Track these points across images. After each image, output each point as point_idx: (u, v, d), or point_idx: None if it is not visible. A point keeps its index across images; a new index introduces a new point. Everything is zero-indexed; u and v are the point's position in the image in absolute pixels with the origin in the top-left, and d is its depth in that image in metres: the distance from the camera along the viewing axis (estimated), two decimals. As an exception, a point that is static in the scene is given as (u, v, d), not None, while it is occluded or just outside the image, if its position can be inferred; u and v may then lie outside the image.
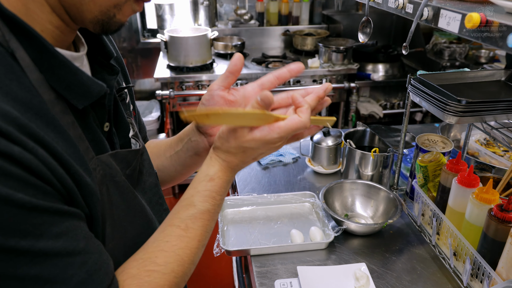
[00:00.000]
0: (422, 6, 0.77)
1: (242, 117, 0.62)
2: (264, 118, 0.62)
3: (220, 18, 3.41)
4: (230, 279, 2.35)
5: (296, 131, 0.62)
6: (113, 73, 0.64)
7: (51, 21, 0.53)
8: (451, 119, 0.92)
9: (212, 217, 0.65)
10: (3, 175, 0.43)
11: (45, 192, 0.47)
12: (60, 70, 0.52)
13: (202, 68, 2.76)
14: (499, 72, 1.11)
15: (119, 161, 0.62)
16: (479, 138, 1.60)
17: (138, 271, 0.57)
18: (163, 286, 0.58)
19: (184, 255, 0.61)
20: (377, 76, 2.89)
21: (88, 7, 0.53)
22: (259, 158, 0.68)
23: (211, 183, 0.65)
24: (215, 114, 0.60)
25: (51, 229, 0.47)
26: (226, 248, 1.13)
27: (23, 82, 0.48)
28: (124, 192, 0.63)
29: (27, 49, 0.50)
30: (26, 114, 0.46)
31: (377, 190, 1.31)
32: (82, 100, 0.54)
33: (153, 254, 0.59)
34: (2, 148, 0.43)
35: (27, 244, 0.45)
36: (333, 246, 1.18)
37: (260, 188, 1.47)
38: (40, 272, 0.46)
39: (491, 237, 0.93)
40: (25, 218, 0.45)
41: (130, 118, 0.71)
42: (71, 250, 0.49)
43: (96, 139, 0.58)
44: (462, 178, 1.04)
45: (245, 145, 0.63)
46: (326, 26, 3.40)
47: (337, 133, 1.58)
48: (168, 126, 2.77)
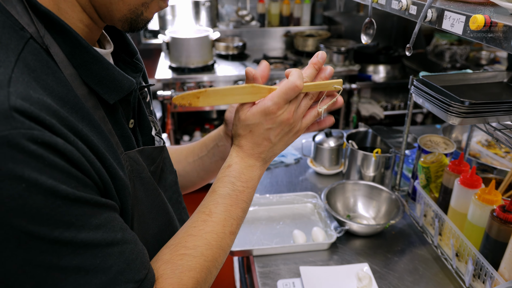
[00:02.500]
0: (426, 7, 0.77)
1: (232, 93, 0.63)
2: (256, 92, 0.63)
3: (222, 19, 3.41)
4: (231, 279, 2.36)
5: (290, 92, 0.61)
6: (137, 70, 0.65)
7: (82, 20, 0.54)
8: (454, 120, 0.93)
9: (235, 203, 0.65)
10: (48, 166, 0.43)
11: (85, 184, 0.47)
12: (93, 65, 0.53)
13: (204, 69, 2.77)
14: (501, 74, 1.11)
15: (145, 157, 0.63)
16: (480, 139, 1.61)
17: (171, 256, 0.59)
18: (195, 268, 0.59)
19: (211, 239, 0.62)
20: (378, 78, 2.90)
21: (117, 6, 0.54)
22: (274, 138, 0.66)
23: (228, 169, 0.67)
24: (204, 94, 0.61)
25: (91, 220, 0.48)
26: (228, 248, 1.13)
27: (59, 77, 0.49)
28: (149, 189, 0.64)
29: (60, 45, 0.50)
30: (63, 108, 0.47)
31: (379, 191, 1.31)
32: (114, 95, 0.55)
33: (183, 239, 0.61)
34: (47, 139, 0.43)
35: (70, 235, 0.46)
36: (335, 247, 1.18)
37: (262, 188, 1.47)
38: (81, 262, 0.47)
39: (494, 238, 0.93)
40: (68, 210, 0.45)
41: (151, 116, 0.72)
42: (109, 240, 0.50)
43: (124, 134, 0.59)
44: (465, 179, 1.05)
45: (248, 123, 0.64)
46: (327, 27, 3.41)
47: (339, 134, 1.58)
48: (170, 127, 2.78)
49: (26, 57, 0.47)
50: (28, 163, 0.42)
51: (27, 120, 0.42)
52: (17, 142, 0.41)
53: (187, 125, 3.25)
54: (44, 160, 0.43)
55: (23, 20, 0.48)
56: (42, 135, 0.43)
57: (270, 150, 0.67)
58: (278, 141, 0.66)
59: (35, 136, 0.42)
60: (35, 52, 0.48)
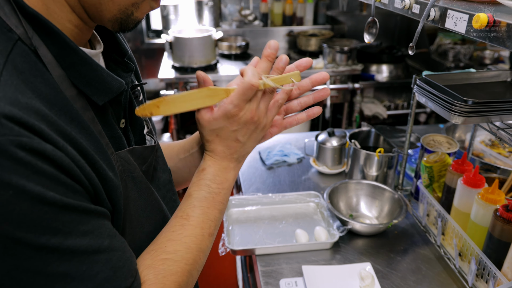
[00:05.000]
0: (429, 6, 0.77)
1: (190, 99, 0.63)
2: (213, 94, 0.63)
3: (225, 18, 3.42)
4: (233, 278, 2.36)
5: (247, 92, 0.61)
6: (128, 70, 0.65)
7: (71, 20, 0.54)
8: (457, 120, 0.93)
9: (211, 205, 0.66)
10: (36, 173, 0.43)
11: (74, 190, 0.47)
12: (82, 66, 0.52)
13: (207, 68, 2.77)
14: (505, 73, 1.11)
15: (136, 157, 0.63)
16: (484, 139, 1.60)
17: (152, 261, 0.59)
18: (177, 272, 0.59)
19: (190, 242, 0.62)
20: (381, 77, 2.89)
21: (107, 7, 0.53)
22: (242, 138, 0.66)
23: (203, 173, 0.67)
24: (163, 102, 0.61)
25: (78, 227, 0.48)
26: (231, 247, 1.13)
27: (47, 79, 0.49)
28: (142, 188, 0.64)
29: (49, 46, 0.50)
30: (52, 110, 0.47)
31: (382, 190, 1.31)
32: (103, 96, 0.55)
33: (162, 245, 0.61)
34: (36, 146, 0.43)
35: (57, 242, 0.46)
36: (338, 246, 1.18)
37: (265, 188, 1.47)
38: (68, 269, 0.47)
39: (497, 238, 0.93)
40: (56, 216, 0.45)
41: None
42: (96, 247, 0.50)
43: (115, 135, 0.59)
44: (468, 178, 1.04)
45: (212, 127, 0.64)
46: (330, 26, 3.40)
47: (342, 134, 1.58)
48: (173, 126, 2.78)
49: (15, 59, 0.46)
50: (16, 170, 0.42)
51: (16, 126, 0.42)
52: (5, 149, 0.41)
53: (190, 125, 3.26)
54: (32, 167, 0.43)
55: (11, 21, 0.48)
56: (31, 142, 0.43)
57: (241, 149, 0.67)
58: (247, 139, 0.66)
59: (24, 143, 0.42)
60: (23, 54, 0.48)
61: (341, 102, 2.94)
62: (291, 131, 2.92)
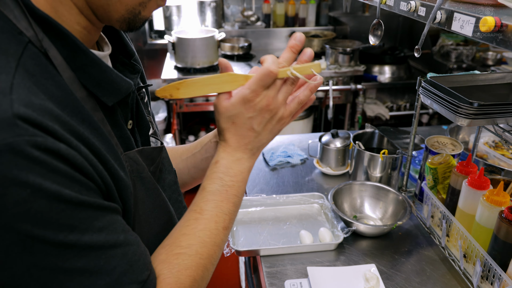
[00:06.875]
0: (435, 9, 0.77)
1: (210, 83, 0.64)
2: (233, 80, 0.63)
3: (227, 19, 3.42)
4: (236, 279, 2.36)
5: (265, 78, 0.61)
6: (134, 71, 0.66)
7: (79, 22, 0.55)
8: (463, 122, 0.93)
9: (225, 198, 0.65)
10: (52, 172, 0.44)
11: (88, 188, 0.48)
12: (91, 68, 0.53)
13: (209, 69, 2.78)
14: (510, 75, 1.11)
15: (144, 157, 0.64)
16: (487, 140, 1.60)
17: (167, 256, 0.60)
18: (191, 267, 0.59)
19: (204, 236, 0.62)
20: (383, 78, 2.89)
21: (115, 7, 0.54)
22: (257, 127, 0.65)
23: (216, 166, 0.67)
24: (183, 85, 0.62)
25: (94, 223, 0.49)
26: (236, 248, 1.14)
27: (58, 81, 0.50)
28: (150, 188, 0.64)
29: (59, 48, 0.51)
30: (64, 111, 0.48)
31: (386, 191, 1.31)
32: (112, 97, 0.56)
33: (177, 239, 0.62)
34: (50, 145, 0.44)
35: (74, 238, 0.47)
36: (342, 247, 1.18)
37: (269, 189, 1.47)
38: (86, 264, 0.48)
39: (502, 239, 0.93)
40: (72, 213, 0.46)
41: (149, 116, 0.73)
42: (112, 242, 0.51)
43: (123, 136, 0.60)
44: (473, 180, 1.05)
45: (229, 114, 0.64)
46: (333, 27, 3.40)
47: (346, 135, 1.58)
48: (175, 127, 2.79)
49: (26, 62, 0.47)
50: (32, 169, 0.43)
51: (30, 127, 0.43)
52: (21, 149, 0.42)
53: (192, 125, 3.26)
54: (47, 165, 0.44)
55: (21, 24, 0.49)
56: (45, 141, 0.44)
57: (256, 140, 0.67)
58: (262, 129, 0.66)
59: (39, 142, 0.43)
60: (34, 56, 0.48)
61: (343, 103, 2.94)
62: (294, 132, 2.92)
